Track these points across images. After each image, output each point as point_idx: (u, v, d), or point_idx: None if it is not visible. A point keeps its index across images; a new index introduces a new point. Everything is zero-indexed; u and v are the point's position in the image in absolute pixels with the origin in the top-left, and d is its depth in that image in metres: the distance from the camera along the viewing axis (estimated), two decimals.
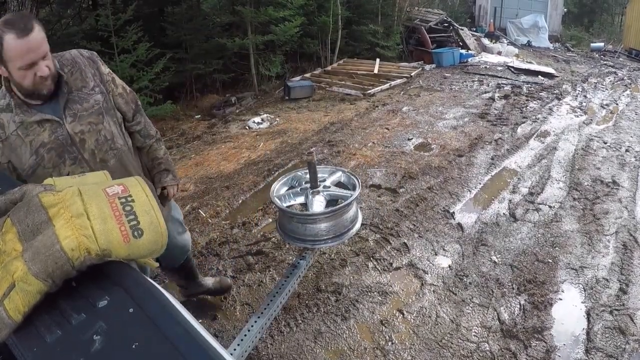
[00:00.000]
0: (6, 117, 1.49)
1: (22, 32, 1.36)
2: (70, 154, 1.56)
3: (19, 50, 1.37)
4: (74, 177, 1.27)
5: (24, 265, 0.92)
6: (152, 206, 1.07)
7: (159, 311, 0.86)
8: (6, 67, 1.41)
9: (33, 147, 1.50)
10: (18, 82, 1.44)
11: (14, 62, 1.39)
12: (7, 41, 1.36)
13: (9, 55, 1.38)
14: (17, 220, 0.99)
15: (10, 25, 1.37)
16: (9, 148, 1.49)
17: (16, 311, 0.88)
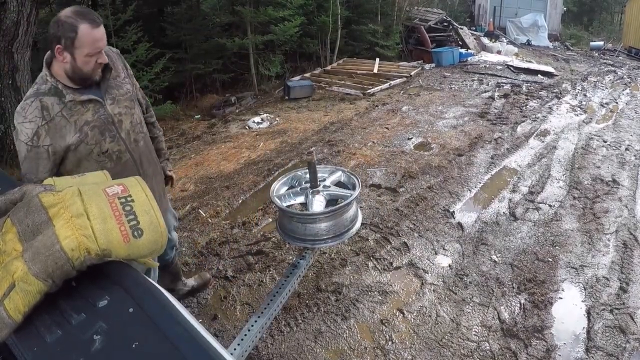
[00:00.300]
0: (50, 100, 1.60)
1: (95, 23, 1.54)
2: (110, 132, 1.73)
3: (91, 39, 1.54)
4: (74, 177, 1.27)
5: (24, 265, 0.92)
6: (152, 206, 1.07)
7: (159, 311, 0.86)
8: (73, 53, 1.55)
9: (77, 125, 1.64)
10: (79, 67, 1.58)
11: (83, 49, 1.54)
12: (81, 30, 1.52)
13: (82, 42, 1.53)
14: (17, 220, 0.99)
15: (83, 16, 1.53)
16: (54, 129, 1.60)
17: (16, 311, 0.88)
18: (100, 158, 1.73)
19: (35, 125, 1.58)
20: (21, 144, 1.61)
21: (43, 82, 1.63)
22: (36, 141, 1.59)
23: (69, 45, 1.54)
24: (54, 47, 1.57)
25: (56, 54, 1.57)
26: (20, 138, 1.60)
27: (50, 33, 1.56)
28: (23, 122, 1.59)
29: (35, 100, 1.60)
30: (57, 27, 1.54)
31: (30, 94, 1.63)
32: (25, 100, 1.62)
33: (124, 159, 1.79)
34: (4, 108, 5.61)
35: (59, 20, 1.54)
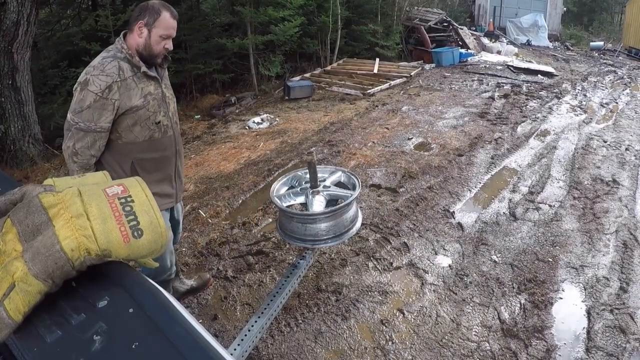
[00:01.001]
0: (124, 65, 1.86)
1: (173, 14, 1.92)
2: (163, 108, 2.01)
3: (167, 24, 1.89)
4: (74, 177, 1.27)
5: (24, 265, 0.92)
6: (152, 206, 1.07)
7: (159, 311, 0.86)
8: (150, 30, 1.87)
9: (143, 92, 1.91)
10: (151, 45, 1.89)
11: (159, 29, 1.88)
12: (163, 15, 1.88)
13: (160, 23, 1.87)
14: (17, 220, 0.99)
15: (166, 7, 1.90)
16: (124, 87, 1.85)
17: (16, 311, 0.88)
18: (152, 127, 1.97)
19: (111, 79, 1.80)
20: (88, 94, 1.79)
21: (118, 51, 1.88)
22: (107, 93, 1.80)
23: (150, 23, 1.86)
24: (136, 23, 1.87)
25: (136, 28, 1.87)
26: (89, 88, 1.79)
27: (136, 13, 1.89)
28: (99, 74, 1.80)
29: (114, 60, 1.84)
30: (145, 9, 1.87)
31: (107, 55, 1.87)
32: (102, 58, 1.85)
33: (168, 133, 2.05)
34: (4, 108, 5.61)
35: (147, 4, 1.88)
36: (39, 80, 7.02)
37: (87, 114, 1.80)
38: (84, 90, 1.80)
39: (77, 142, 1.83)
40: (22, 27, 5.42)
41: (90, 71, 1.82)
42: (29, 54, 5.73)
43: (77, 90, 1.82)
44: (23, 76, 5.67)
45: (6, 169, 5.39)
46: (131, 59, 1.88)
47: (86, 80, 1.80)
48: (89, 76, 1.80)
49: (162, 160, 2.06)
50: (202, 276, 2.82)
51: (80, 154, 1.85)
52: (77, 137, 1.83)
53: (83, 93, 1.80)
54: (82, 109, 1.80)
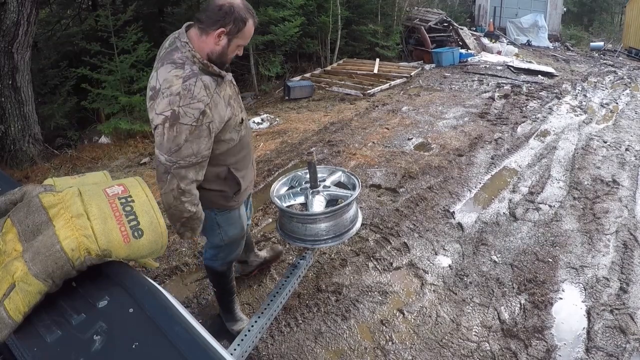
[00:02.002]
0: (206, 78, 1.61)
1: (255, 20, 1.72)
2: (239, 103, 1.88)
3: (249, 34, 1.70)
4: (74, 177, 1.27)
5: (24, 265, 0.92)
6: (152, 206, 1.07)
7: (159, 311, 0.86)
8: (231, 40, 1.66)
9: (225, 100, 1.72)
10: (227, 53, 1.69)
11: (240, 40, 1.69)
12: (249, 24, 1.67)
13: (244, 34, 1.68)
14: (18, 220, 0.99)
15: (250, 12, 1.69)
16: (214, 106, 1.64)
17: (16, 311, 0.89)
18: (237, 127, 1.83)
19: (204, 104, 1.58)
20: (182, 128, 1.55)
21: (192, 62, 1.62)
22: (201, 120, 1.58)
23: (233, 32, 1.64)
24: (215, 29, 1.62)
25: (215, 35, 1.63)
26: (182, 121, 1.55)
27: (217, 15, 1.61)
28: (190, 103, 1.55)
29: (198, 79, 1.58)
30: (230, 14, 1.61)
31: (185, 75, 1.58)
32: (183, 81, 1.56)
33: (247, 127, 1.94)
34: (4, 108, 5.61)
35: (233, 7, 1.62)
36: (39, 80, 7.02)
37: (186, 150, 1.58)
38: (175, 125, 1.54)
39: (181, 182, 1.62)
40: (22, 27, 5.42)
41: (177, 101, 1.54)
42: (29, 53, 5.73)
43: (166, 127, 1.55)
44: (23, 76, 5.67)
45: (6, 169, 5.39)
46: (207, 68, 1.64)
47: (175, 114, 1.54)
48: (176, 107, 1.54)
49: (248, 154, 1.98)
50: (274, 248, 2.91)
51: (188, 191, 1.65)
52: (180, 175, 1.61)
53: (175, 129, 1.55)
54: (179, 147, 1.57)
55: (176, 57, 1.62)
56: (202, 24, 1.64)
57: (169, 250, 3.17)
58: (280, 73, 9.46)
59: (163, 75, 1.60)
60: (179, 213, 1.68)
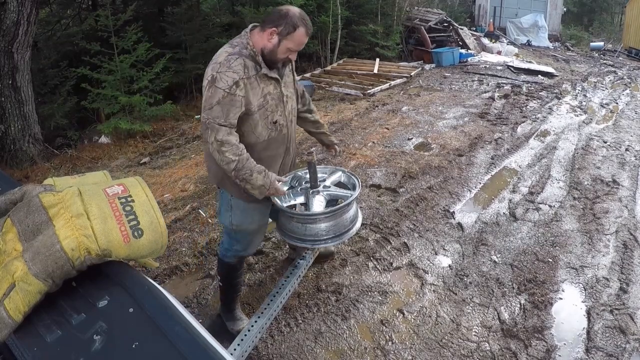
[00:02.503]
0: (249, 62, 1.88)
1: (308, 32, 1.92)
2: (280, 107, 2.03)
3: (299, 41, 1.91)
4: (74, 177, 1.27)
5: (24, 265, 0.92)
6: (152, 206, 1.07)
7: (159, 311, 0.86)
8: (281, 41, 1.88)
9: (263, 92, 1.93)
10: (277, 53, 1.90)
11: (290, 43, 1.89)
12: (298, 31, 1.88)
13: (293, 38, 1.88)
14: (18, 220, 0.99)
15: (304, 22, 1.90)
16: (249, 85, 1.88)
17: (17, 311, 0.89)
18: (270, 126, 2.00)
19: (238, 76, 1.83)
20: (217, 90, 1.81)
21: (244, 47, 1.90)
22: (234, 90, 1.82)
23: (283, 34, 1.87)
24: (270, 27, 1.87)
25: (268, 32, 1.88)
26: (217, 85, 1.82)
27: (274, 16, 1.89)
28: (226, 71, 1.82)
29: (240, 57, 1.86)
30: (284, 17, 1.87)
31: (232, 52, 1.87)
32: (227, 55, 1.86)
33: (284, 131, 2.08)
34: (4, 108, 5.61)
35: (288, 13, 1.88)
36: (39, 80, 7.02)
37: (217, 111, 1.82)
38: (212, 87, 1.83)
39: (217, 134, 1.83)
40: (22, 27, 5.42)
41: (217, 68, 1.84)
42: (29, 53, 5.73)
43: (206, 88, 1.85)
44: (23, 76, 5.67)
45: (6, 169, 5.39)
46: (255, 56, 1.89)
47: (214, 78, 1.83)
48: (215, 73, 1.83)
49: (273, 157, 2.09)
50: (328, 248, 2.93)
51: (226, 141, 1.83)
52: (215, 129, 1.83)
53: (211, 90, 1.83)
54: (211, 106, 1.82)
55: (235, 41, 1.94)
56: (263, 23, 1.92)
57: (169, 250, 3.17)
58: None
59: (220, 50, 1.92)
60: (226, 166, 1.86)
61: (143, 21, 7.77)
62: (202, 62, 8.74)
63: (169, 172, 4.96)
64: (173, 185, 4.52)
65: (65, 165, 5.66)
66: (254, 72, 1.88)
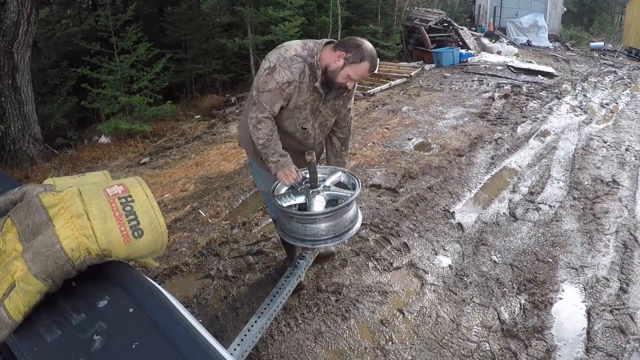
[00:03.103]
0: (308, 70, 2.02)
1: (372, 68, 2.04)
2: (312, 119, 2.19)
3: (361, 73, 2.03)
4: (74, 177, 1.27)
5: (24, 265, 0.92)
6: (152, 206, 1.07)
7: (159, 311, 0.86)
8: (344, 65, 1.99)
9: (305, 99, 2.09)
10: (337, 75, 2.02)
11: (351, 72, 2.01)
12: (363, 64, 1.99)
13: (355, 68, 2.00)
14: (18, 220, 0.99)
15: (372, 59, 2.01)
16: (298, 87, 2.03)
17: (16, 311, 0.89)
18: (298, 129, 2.18)
19: (293, 77, 1.99)
20: (272, 80, 1.99)
21: (311, 55, 2.03)
22: (286, 86, 2.00)
23: (349, 60, 1.99)
24: (340, 50, 1.99)
25: (337, 53, 2.00)
26: (275, 76, 1.98)
27: (349, 43, 2.01)
28: (287, 68, 1.98)
29: (303, 62, 2.01)
30: (357, 47, 1.99)
31: (300, 54, 2.02)
32: (295, 54, 2.01)
33: (309, 140, 2.25)
34: (4, 108, 5.61)
35: (362, 45, 2.00)
36: (39, 80, 7.02)
37: (266, 97, 2.00)
38: (270, 75, 1.99)
39: (260, 113, 2.03)
40: (22, 27, 5.42)
41: (281, 60, 1.99)
42: (29, 53, 5.73)
43: (265, 72, 2.00)
44: (23, 76, 5.67)
45: (6, 169, 5.39)
46: (315, 68, 2.02)
47: (274, 67, 1.98)
48: (277, 65, 1.98)
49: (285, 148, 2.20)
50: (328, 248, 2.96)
51: (264, 120, 2.04)
52: (261, 109, 2.02)
53: (268, 77, 1.99)
54: (264, 90, 2.00)
55: (309, 44, 2.06)
56: (337, 44, 2.04)
57: (169, 250, 3.17)
58: None
59: (292, 43, 2.06)
60: (256, 140, 2.07)
61: (143, 21, 7.77)
62: (202, 62, 8.74)
63: (169, 172, 4.96)
64: (173, 185, 4.52)
65: (65, 165, 5.66)
66: (307, 79, 2.03)
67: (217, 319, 2.54)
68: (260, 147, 2.09)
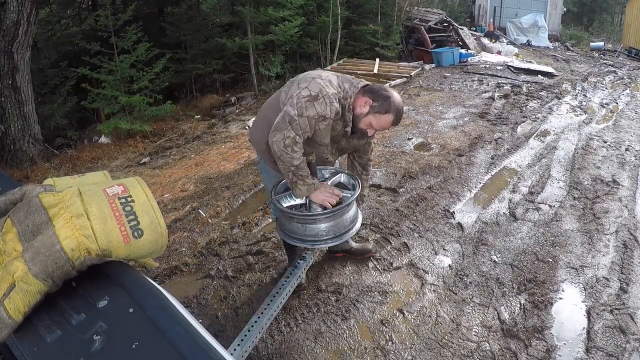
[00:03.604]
0: (340, 110, 2.05)
1: (396, 122, 2.10)
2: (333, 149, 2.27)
3: (383, 124, 2.09)
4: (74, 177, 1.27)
5: (24, 265, 0.92)
6: (152, 206, 1.07)
7: (159, 311, 0.86)
8: (368, 113, 2.05)
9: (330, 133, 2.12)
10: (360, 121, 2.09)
11: (374, 121, 2.07)
12: (388, 116, 2.05)
13: (379, 119, 2.06)
14: (18, 220, 0.99)
15: (398, 113, 2.07)
16: (328, 125, 2.06)
17: (16, 311, 0.89)
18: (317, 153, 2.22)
19: (326, 116, 1.99)
20: (312, 109, 1.97)
21: (345, 98, 2.07)
22: (321, 120, 2.00)
23: (374, 109, 2.04)
24: (369, 97, 2.05)
25: (365, 100, 2.05)
26: (315, 106, 1.97)
27: (379, 92, 2.06)
28: (327, 104, 1.98)
29: (339, 104, 2.04)
30: (385, 99, 2.04)
31: (339, 93, 2.05)
32: (334, 92, 2.03)
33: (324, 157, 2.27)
34: (4, 108, 5.61)
35: (390, 98, 2.04)
36: (39, 80, 7.02)
37: (304, 122, 1.97)
38: (311, 102, 1.97)
39: (296, 134, 1.96)
40: (22, 27, 5.42)
41: (323, 94, 1.99)
42: (29, 53, 5.74)
43: (306, 98, 1.97)
44: (23, 76, 5.67)
45: (6, 169, 5.39)
46: (347, 111, 2.06)
47: (317, 97, 1.98)
48: (320, 96, 1.98)
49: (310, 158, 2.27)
50: (366, 245, 3.04)
51: (299, 143, 1.99)
52: (296, 131, 1.96)
53: (309, 104, 1.97)
54: (303, 115, 1.97)
55: (346, 85, 2.11)
56: (369, 90, 2.08)
57: (169, 250, 3.17)
58: (280, 73, 9.47)
59: (331, 77, 2.11)
60: (289, 160, 1.99)
61: (143, 21, 7.78)
62: (202, 62, 8.75)
63: (169, 172, 4.96)
64: (173, 185, 4.52)
65: (65, 165, 5.67)
66: (336, 117, 2.06)
67: (217, 319, 2.54)
68: (294, 168, 2.01)
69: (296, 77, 2.23)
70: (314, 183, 2.06)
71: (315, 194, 2.07)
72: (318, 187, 2.07)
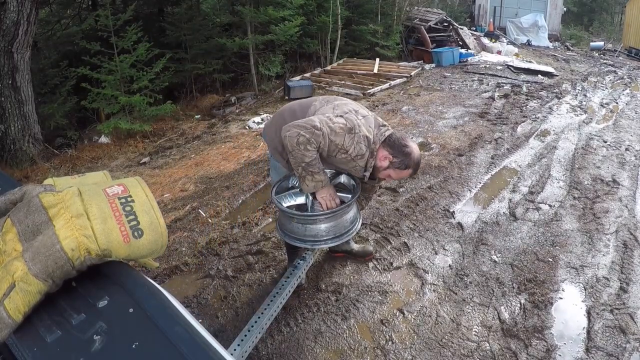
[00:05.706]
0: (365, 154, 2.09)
1: (412, 174, 2.20)
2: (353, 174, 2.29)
3: (400, 177, 2.21)
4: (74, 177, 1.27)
5: (24, 265, 0.92)
6: (152, 206, 1.07)
7: (159, 311, 0.86)
8: (388, 166, 2.12)
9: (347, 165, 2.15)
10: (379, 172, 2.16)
11: (393, 173, 2.15)
12: (407, 171, 2.14)
13: (398, 172, 2.14)
14: (18, 220, 0.99)
15: (415, 166, 2.14)
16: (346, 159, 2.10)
17: (16, 311, 0.89)
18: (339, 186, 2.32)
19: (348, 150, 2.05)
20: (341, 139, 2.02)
21: (373, 150, 2.11)
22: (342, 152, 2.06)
23: (394, 164, 2.11)
24: (390, 152, 2.11)
25: (386, 154, 2.11)
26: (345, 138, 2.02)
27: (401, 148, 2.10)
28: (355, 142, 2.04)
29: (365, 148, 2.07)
30: (405, 155, 2.10)
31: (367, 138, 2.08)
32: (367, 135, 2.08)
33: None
34: (4, 108, 5.61)
35: (411, 154, 2.11)
36: (39, 80, 7.03)
37: (326, 139, 1.99)
38: (343, 132, 2.02)
39: (312, 140, 1.97)
40: (22, 27, 5.42)
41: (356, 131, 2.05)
42: (29, 53, 5.74)
43: (340, 125, 2.03)
44: (23, 76, 5.67)
45: (6, 169, 5.39)
46: (370, 158, 2.10)
47: (351, 130, 2.04)
48: (354, 133, 2.04)
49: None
50: (367, 247, 3.04)
51: (315, 144, 1.98)
52: (316, 137, 1.97)
53: (341, 132, 2.02)
54: (329, 134, 2.00)
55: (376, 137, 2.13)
56: (387, 143, 2.12)
57: (169, 250, 3.17)
58: (280, 73, 9.47)
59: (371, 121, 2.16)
60: (301, 156, 1.99)
61: (143, 21, 7.78)
62: (202, 62, 8.75)
63: (169, 172, 4.96)
64: (173, 185, 4.52)
65: (65, 165, 5.67)
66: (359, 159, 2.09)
67: (217, 319, 2.54)
68: (305, 164, 2.02)
69: (330, 98, 2.30)
70: (322, 180, 2.04)
71: (321, 191, 2.06)
72: (326, 186, 2.06)
